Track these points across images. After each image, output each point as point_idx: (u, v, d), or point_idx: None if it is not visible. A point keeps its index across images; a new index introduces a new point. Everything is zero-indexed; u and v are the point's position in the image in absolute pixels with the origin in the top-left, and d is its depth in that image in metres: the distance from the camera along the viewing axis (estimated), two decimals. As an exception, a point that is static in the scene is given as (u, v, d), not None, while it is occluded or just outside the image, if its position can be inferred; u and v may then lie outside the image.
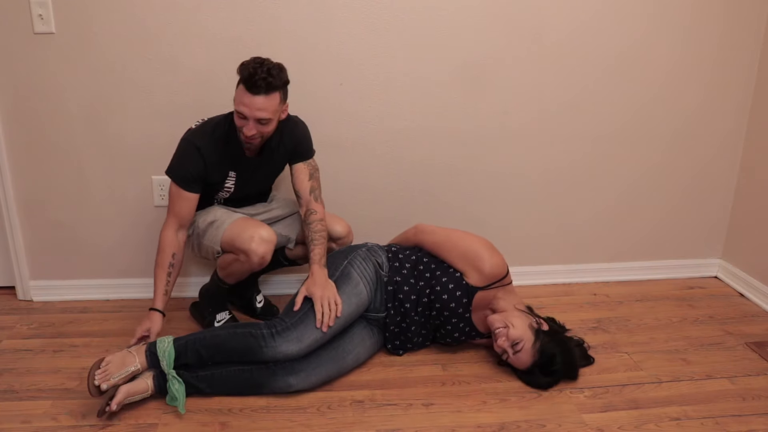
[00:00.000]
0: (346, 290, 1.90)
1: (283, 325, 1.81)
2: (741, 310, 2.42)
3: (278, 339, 1.78)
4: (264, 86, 1.75)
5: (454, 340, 2.04)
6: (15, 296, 2.43)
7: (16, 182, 2.28)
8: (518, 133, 2.41)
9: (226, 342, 1.80)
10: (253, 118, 1.79)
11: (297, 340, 1.78)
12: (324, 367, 1.85)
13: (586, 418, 1.77)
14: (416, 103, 2.33)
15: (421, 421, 1.75)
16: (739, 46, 2.41)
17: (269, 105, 1.79)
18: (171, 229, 1.94)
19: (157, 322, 1.88)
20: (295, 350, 1.78)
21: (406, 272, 2.00)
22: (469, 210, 2.49)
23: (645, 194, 2.58)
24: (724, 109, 2.49)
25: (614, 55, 2.36)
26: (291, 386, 1.81)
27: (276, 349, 1.77)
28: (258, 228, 1.93)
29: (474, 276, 1.94)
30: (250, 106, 1.77)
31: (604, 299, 2.51)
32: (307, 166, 2.02)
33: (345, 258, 2.00)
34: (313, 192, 2.01)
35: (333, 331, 1.85)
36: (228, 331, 1.83)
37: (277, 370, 1.81)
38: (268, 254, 1.93)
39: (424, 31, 2.24)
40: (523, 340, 1.87)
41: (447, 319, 1.97)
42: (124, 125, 2.24)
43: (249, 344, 1.78)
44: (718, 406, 1.83)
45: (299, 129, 2.01)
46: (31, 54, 2.13)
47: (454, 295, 1.94)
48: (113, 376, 1.71)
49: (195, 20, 2.14)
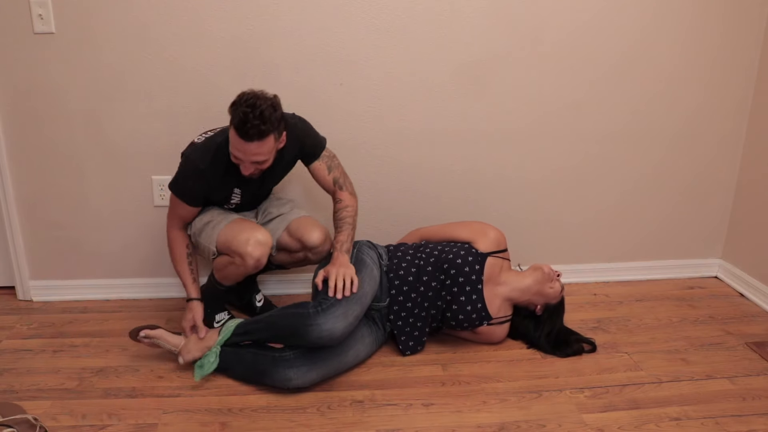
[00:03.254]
0: (366, 273, 1.94)
1: (327, 302, 1.81)
2: (741, 310, 2.42)
3: (323, 316, 1.78)
4: (254, 134, 1.69)
5: (459, 324, 2.03)
6: (15, 296, 2.43)
7: (16, 182, 2.28)
8: (518, 133, 2.41)
9: (279, 320, 1.84)
10: (249, 162, 1.77)
11: (343, 316, 1.79)
12: (323, 363, 1.85)
13: (586, 418, 1.77)
14: (416, 103, 2.33)
15: (421, 421, 1.75)
16: (739, 46, 2.41)
17: (264, 149, 1.74)
18: (175, 227, 1.98)
19: (198, 311, 1.94)
20: (342, 327, 1.79)
21: (409, 258, 2.06)
22: (469, 210, 2.49)
23: (645, 194, 2.58)
24: (724, 109, 2.49)
25: (614, 55, 2.36)
26: (290, 380, 1.82)
27: (322, 326, 1.77)
28: (254, 231, 1.92)
29: (482, 242, 2.06)
30: (245, 152, 1.74)
31: (604, 299, 2.51)
32: (322, 161, 2.00)
33: (353, 248, 2.03)
34: (336, 183, 2.01)
35: (363, 308, 1.88)
36: (280, 311, 1.88)
37: (279, 361, 1.83)
38: (264, 257, 1.92)
39: (424, 31, 2.24)
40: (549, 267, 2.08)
41: (461, 287, 1.99)
42: (124, 125, 2.24)
43: (296, 322, 1.80)
44: (719, 406, 1.82)
45: (297, 130, 1.94)
46: (31, 54, 2.13)
47: (467, 260, 2.00)
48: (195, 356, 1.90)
49: (195, 20, 2.14)
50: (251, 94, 1.72)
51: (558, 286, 2.08)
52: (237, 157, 1.77)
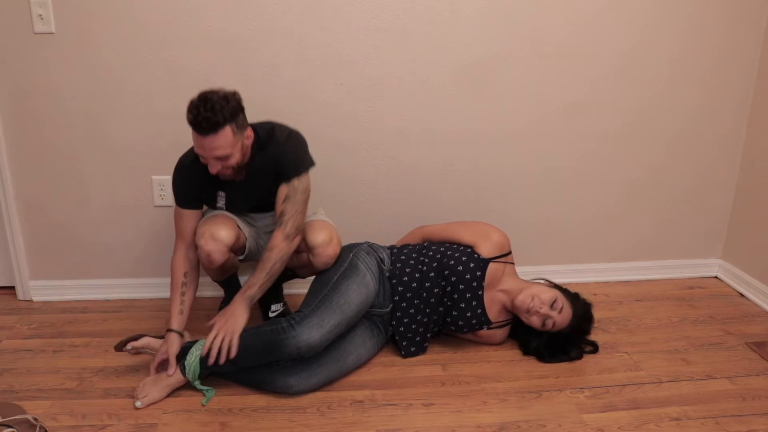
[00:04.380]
0: (356, 280, 1.92)
1: (300, 315, 1.82)
2: (741, 310, 2.42)
3: (298, 328, 1.78)
4: (207, 126, 1.66)
5: (459, 329, 2.03)
6: (15, 296, 2.43)
7: (16, 182, 2.28)
8: (518, 133, 2.41)
9: (252, 341, 1.79)
10: (211, 157, 1.74)
11: (318, 326, 1.78)
12: (325, 368, 1.85)
13: (586, 418, 1.77)
14: (416, 103, 2.33)
15: (421, 421, 1.75)
16: (739, 46, 2.41)
17: (222, 142, 1.70)
18: (179, 252, 1.94)
19: (174, 344, 1.83)
20: (317, 336, 1.77)
21: (412, 262, 2.03)
22: (469, 210, 2.49)
23: (645, 194, 2.58)
24: (724, 109, 2.49)
25: (614, 55, 2.36)
26: (290, 387, 1.81)
27: (298, 338, 1.76)
28: (217, 226, 1.88)
29: (485, 246, 2.02)
30: (203, 147, 1.72)
31: (604, 299, 2.50)
32: (287, 186, 1.85)
33: (350, 252, 2.02)
34: (281, 216, 1.85)
35: (349, 320, 1.87)
36: (251, 332, 1.81)
37: (278, 369, 1.81)
38: (216, 254, 1.87)
39: (424, 30, 2.24)
40: (557, 298, 1.96)
41: (461, 294, 1.97)
42: (124, 125, 2.24)
43: (271, 338, 1.78)
44: (719, 406, 1.82)
45: (279, 149, 1.85)
46: (31, 54, 2.13)
47: (468, 266, 1.98)
48: (154, 398, 1.79)
49: (195, 20, 2.14)
50: (206, 91, 1.71)
51: (536, 322, 1.96)
52: (201, 156, 1.76)
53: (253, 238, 2.04)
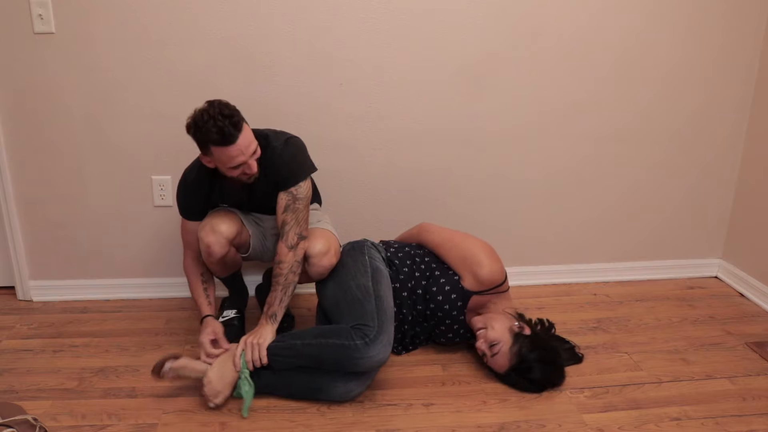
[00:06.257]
0: (384, 282, 1.89)
1: (372, 331, 1.74)
2: (741, 310, 2.42)
3: (373, 347, 1.72)
4: (234, 129, 1.68)
5: (448, 341, 2.05)
6: (15, 296, 2.43)
7: (16, 182, 2.28)
8: (519, 133, 2.41)
9: (319, 353, 1.75)
10: (249, 156, 1.74)
11: (389, 343, 1.76)
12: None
13: (586, 418, 1.77)
14: (416, 103, 2.33)
15: (421, 421, 1.75)
16: (739, 46, 2.41)
17: (249, 135, 1.73)
18: (189, 257, 1.99)
19: (215, 323, 1.90)
20: (389, 352, 1.76)
21: (406, 271, 2.01)
22: (470, 210, 2.49)
23: (645, 194, 2.58)
24: (724, 109, 2.49)
25: (614, 55, 2.36)
26: (351, 391, 1.79)
27: (374, 358, 1.72)
28: (219, 220, 1.90)
29: (470, 280, 1.95)
30: (241, 151, 1.71)
31: (604, 299, 2.51)
32: (286, 195, 1.85)
33: (362, 254, 1.98)
34: (283, 227, 1.86)
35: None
36: (320, 341, 1.76)
37: (338, 376, 1.78)
38: (215, 246, 1.87)
39: (424, 31, 2.24)
40: (500, 342, 1.86)
41: (440, 320, 1.98)
42: (124, 125, 2.24)
43: (344, 355, 1.72)
44: (719, 407, 1.82)
45: (277, 156, 1.84)
46: (31, 54, 2.13)
47: (450, 297, 1.95)
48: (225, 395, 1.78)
49: (194, 20, 2.14)
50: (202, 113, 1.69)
51: (480, 349, 1.91)
52: (239, 164, 1.74)
53: (258, 238, 2.05)
